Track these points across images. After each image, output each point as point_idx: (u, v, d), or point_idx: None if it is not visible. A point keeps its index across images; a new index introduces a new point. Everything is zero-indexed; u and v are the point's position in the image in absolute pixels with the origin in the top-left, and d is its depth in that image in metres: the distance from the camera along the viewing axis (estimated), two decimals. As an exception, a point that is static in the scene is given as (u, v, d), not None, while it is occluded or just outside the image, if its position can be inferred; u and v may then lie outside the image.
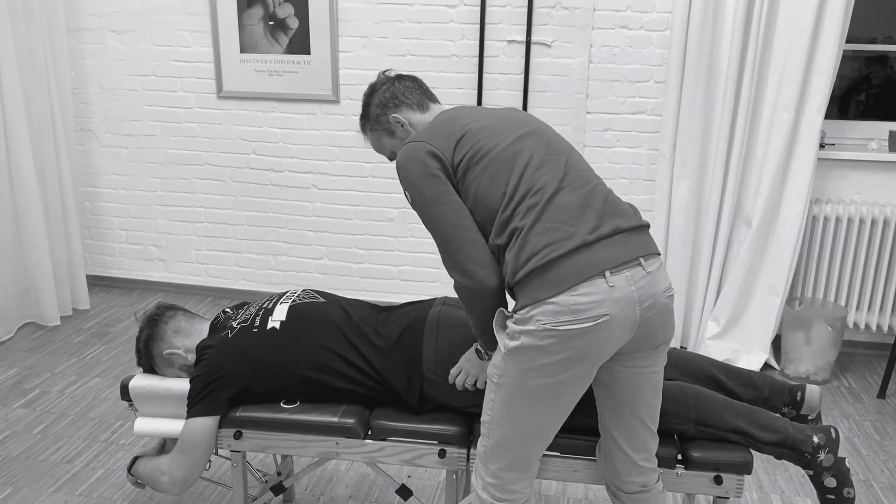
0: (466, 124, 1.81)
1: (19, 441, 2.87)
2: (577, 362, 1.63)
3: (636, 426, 1.80)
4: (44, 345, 3.67)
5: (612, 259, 1.61)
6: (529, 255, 1.62)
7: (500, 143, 1.77)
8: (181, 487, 2.03)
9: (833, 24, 3.17)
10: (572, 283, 1.59)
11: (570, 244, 1.61)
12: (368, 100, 2.00)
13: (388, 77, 2.01)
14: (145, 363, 2.18)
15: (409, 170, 1.78)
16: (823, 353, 3.39)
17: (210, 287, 4.30)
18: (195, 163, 4.11)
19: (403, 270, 4.07)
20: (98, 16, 3.98)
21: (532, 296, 1.62)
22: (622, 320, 1.61)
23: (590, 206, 1.68)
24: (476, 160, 1.75)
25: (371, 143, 2.03)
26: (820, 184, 3.57)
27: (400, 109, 1.95)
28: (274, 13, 3.77)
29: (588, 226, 1.64)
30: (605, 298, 1.59)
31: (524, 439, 1.74)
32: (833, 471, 1.91)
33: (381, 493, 2.61)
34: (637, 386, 1.76)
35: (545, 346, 1.61)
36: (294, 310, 2.11)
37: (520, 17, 3.59)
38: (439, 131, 1.81)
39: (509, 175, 1.72)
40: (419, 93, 1.98)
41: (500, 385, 1.71)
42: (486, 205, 1.72)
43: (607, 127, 3.67)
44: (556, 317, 1.59)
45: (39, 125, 3.76)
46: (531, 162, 1.73)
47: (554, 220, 1.64)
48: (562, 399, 1.69)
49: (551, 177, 1.70)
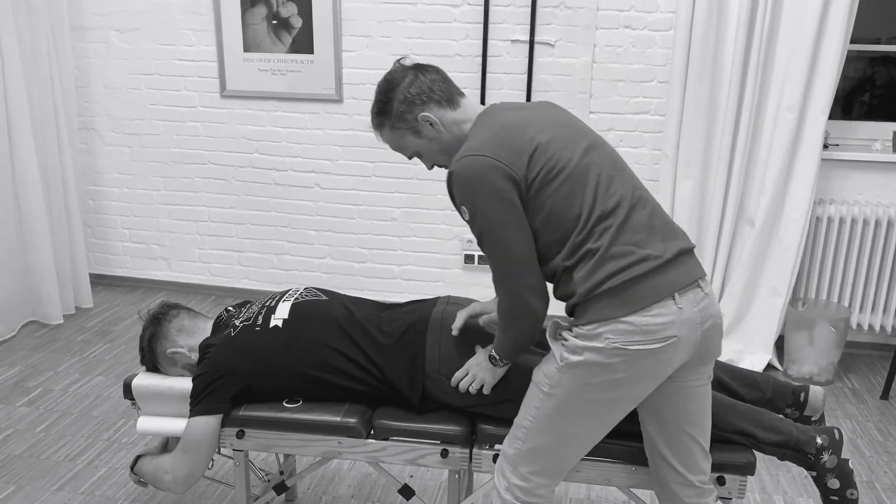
0: (533, 136, 1.69)
1: (22, 439, 2.87)
2: (639, 382, 1.66)
3: (687, 443, 1.80)
4: (47, 343, 3.68)
5: (680, 281, 1.65)
6: (606, 277, 1.63)
7: (573, 158, 1.69)
8: (184, 486, 2.03)
9: (837, 24, 3.16)
10: (645, 304, 1.62)
11: (646, 266, 1.63)
12: (389, 95, 1.79)
13: (407, 67, 1.82)
14: (149, 362, 2.18)
15: (474, 188, 1.65)
16: (826, 353, 3.38)
17: (213, 286, 4.30)
18: (198, 162, 4.11)
19: (406, 270, 4.07)
20: (101, 14, 3.98)
21: (602, 313, 1.63)
22: (687, 341, 1.65)
23: (654, 227, 1.69)
24: (550, 178, 1.66)
25: (388, 140, 1.86)
26: (823, 184, 3.56)
27: (428, 106, 1.78)
28: (277, 12, 3.77)
29: (657, 248, 1.66)
30: (675, 320, 1.63)
31: (564, 448, 1.76)
32: (836, 472, 1.90)
33: (383, 493, 2.61)
34: (690, 400, 1.77)
35: (611, 364, 1.63)
36: (296, 308, 2.10)
37: (523, 16, 3.59)
38: (506, 144, 1.67)
39: (583, 195, 1.66)
40: (446, 85, 1.81)
41: (550, 395, 1.71)
42: (558, 225, 1.66)
43: (611, 127, 3.67)
44: (627, 336, 1.61)
45: (43, 124, 3.77)
46: (601, 179, 1.69)
47: (628, 243, 1.65)
48: (613, 414, 1.73)
49: (621, 196, 1.69)
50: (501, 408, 1.96)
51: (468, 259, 3.96)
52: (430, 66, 1.83)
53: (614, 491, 2.65)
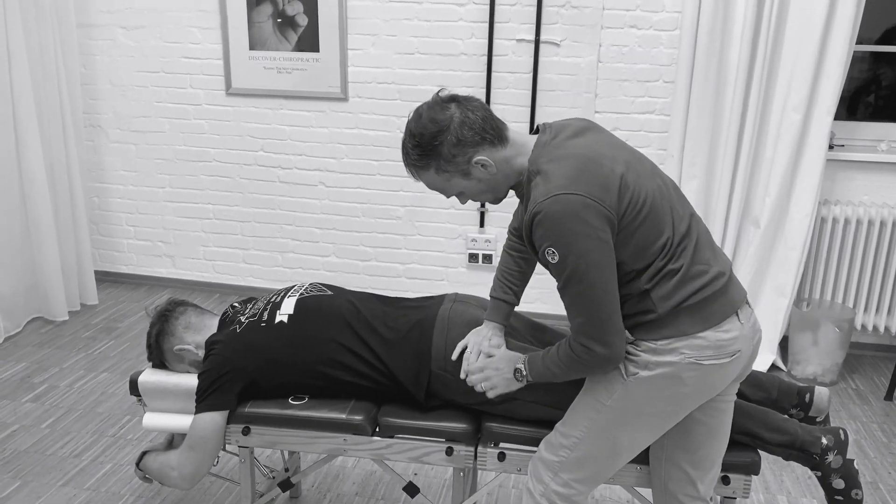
0: (613, 168, 1.61)
1: (28, 435, 2.88)
2: (701, 395, 1.71)
3: (713, 458, 1.83)
4: (52, 339, 3.69)
5: (739, 298, 1.73)
6: (688, 295, 1.65)
7: (649, 187, 1.64)
8: (190, 483, 2.04)
9: (843, 25, 3.16)
10: (718, 320, 1.67)
11: (719, 284, 1.68)
12: (439, 138, 1.64)
13: (448, 102, 1.67)
14: (156, 358, 2.19)
15: (570, 229, 1.55)
16: (831, 354, 3.38)
17: (217, 284, 4.31)
18: (203, 159, 4.12)
19: (410, 268, 4.07)
20: (108, 12, 3.99)
21: (679, 329, 1.66)
22: (746, 355, 1.73)
23: (712, 245, 1.76)
24: (637, 210, 1.61)
25: (429, 182, 1.72)
26: (829, 185, 3.56)
27: (482, 148, 1.66)
28: (283, 10, 3.77)
29: (721, 265, 1.72)
30: (740, 335, 1.69)
31: (614, 458, 1.78)
32: (841, 472, 1.91)
33: (387, 490, 2.62)
34: (722, 414, 1.81)
35: (683, 378, 1.67)
36: (301, 303, 2.11)
37: (529, 15, 3.59)
38: (593, 180, 1.58)
39: (664, 222, 1.64)
40: (494, 122, 1.68)
41: (611, 408, 1.73)
42: (647, 254, 1.64)
43: (616, 126, 3.67)
44: (701, 351, 1.65)
45: (49, 121, 3.78)
46: (672, 203, 1.69)
47: (701, 262, 1.68)
48: (667, 425, 1.76)
49: (689, 217, 1.72)
50: (507, 406, 1.96)
51: (472, 258, 3.96)
52: (473, 100, 1.69)
53: (618, 490, 2.65)
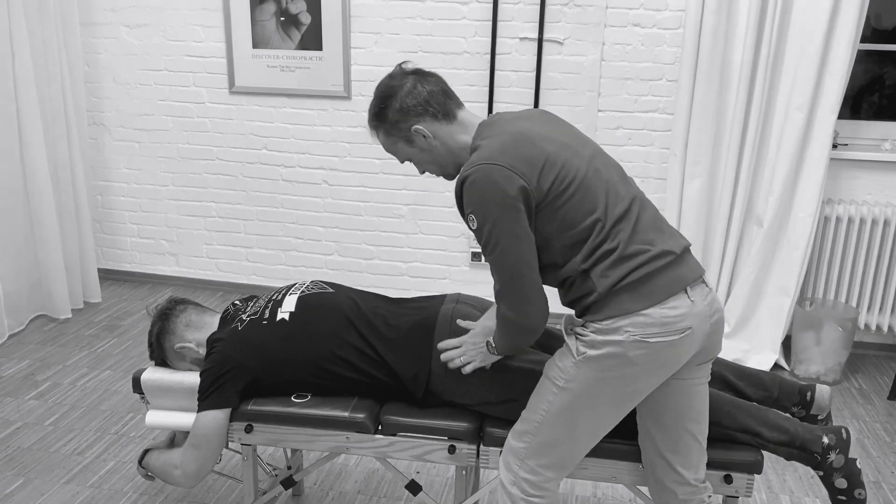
0: (543, 146, 1.71)
1: (31, 432, 2.89)
2: (654, 374, 1.70)
3: (688, 441, 1.82)
4: (55, 337, 3.70)
5: (690, 276, 1.71)
6: (626, 273, 1.67)
7: (581, 167, 1.72)
8: (193, 481, 2.04)
9: (847, 23, 3.15)
10: (662, 297, 1.67)
11: (662, 261, 1.69)
12: (386, 101, 1.79)
13: (407, 73, 1.81)
14: (157, 357, 2.19)
15: (486, 197, 1.65)
16: (834, 354, 3.37)
17: (220, 282, 4.32)
18: (207, 158, 4.13)
19: (413, 267, 4.07)
20: (112, 10, 3.99)
21: (621, 308, 1.66)
22: (699, 333, 1.71)
23: (660, 227, 1.76)
24: (564, 186, 1.68)
25: (382, 143, 1.86)
26: (832, 184, 3.55)
27: (423, 119, 1.78)
28: (286, 9, 3.77)
29: (667, 244, 1.72)
30: (688, 312, 1.68)
31: (575, 441, 1.78)
32: (844, 472, 1.90)
33: (390, 489, 2.62)
34: (690, 397, 1.80)
35: (630, 357, 1.67)
36: (303, 300, 2.11)
37: (532, 14, 3.59)
38: (518, 154, 1.68)
39: (596, 198, 1.70)
40: (444, 98, 1.80)
41: (565, 389, 1.74)
42: (574, 231, 1.69)
43: (619, 125, 3.66)
44: (646, 328, 1.65)
45: (52, 119, 3.78)
46: (610, 184, 1.74)
47: (642, 242, 1.70)
48: (625, 407, 1.76)
49: (630, 199, 1.75)
50: (505, 408, 1.96)
51: (475, 256, 3.96)
52: (430, 75, 1.82)
53: (620, 488, 2.65)
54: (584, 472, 1.98)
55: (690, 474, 1.84)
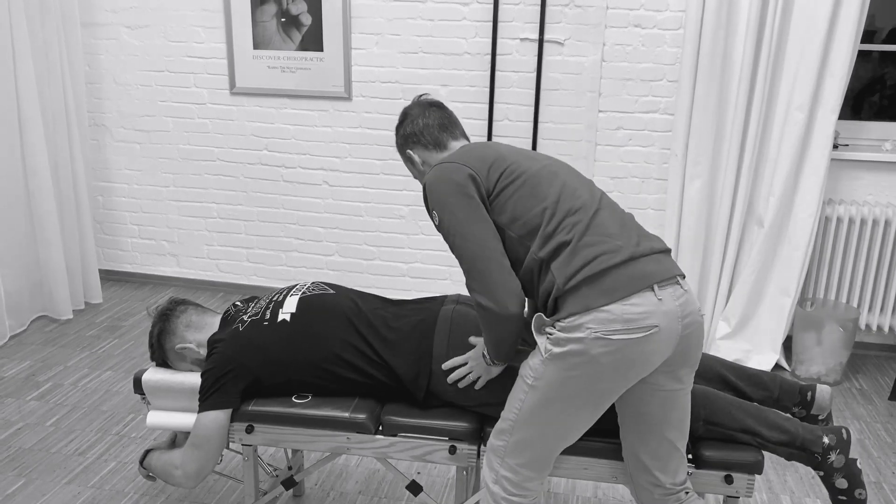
0: (499, 150, 1.90)
1: (32, 433, 2.89)
2: (622, 372, 1.67)
3: (668, 449, 1.81)
4: (56, 338, 3.70)
5: (658, 274, 1.69)
6: (582, 264, 1.67)
7: (534, 166, 1.85)
8: (194, 481, 2.04)
9: (847, 23, 3.15)
10: (624, 293, 1.64)
11: (622, 255, 1.68)
12: (398, 127, 2.08)
13: (419, 104, 2.06)
14: (158, 358, 2.19)
15: (440, 190, 1.82)
16: (835, 354, 3.37)
17: (221, 283, 4.32)
18: (207, 158, 4.13)
19: (413, 267, 4.07)
20: (113, 11, 4.00)
21: (582, 303, 1.65)
22: (668, 333, 1.67)
23: (627, 226, 1.77)
24: (513, 178, 1.81)
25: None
26: (833, 184, 3.55)
27: (416, 148, 2.03)
28: (287, 10, 3.78)
29: (632, 241, 1.72)
30: (655, 310, 1.65)
31: (548, 440, 1.78)
32: (844, 472, 1.90)
33: (390, 489, 2.62)
34: (667, 407, 1.78)
35: (594, 355, 1.65)
36: (304, 302, 2.12)
37: (533, 14, 3.59)
38: (472, 154, 1.87)
39: (548, 191, 1.79)
40: (438, 132, 2.02)
41: (534, 387, 1.73)
42: (525, 220, 1.76)
43: (619, 126, 3.67)
44: (607, 325, 1.63)
45: (54, 120, 3.79)
46: (566, 184, 1.82)
47: (601, 234, 1.72)
48: (596, 406, 1.74)
49: (587, 198, 1.79)
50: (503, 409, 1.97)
51: (476, 257, 3.96)
52: (435, 109, 2.05)
53: (621, 488, 2.65)
54: (585, 473, 1.98)
55: (667, 479, 1.84)
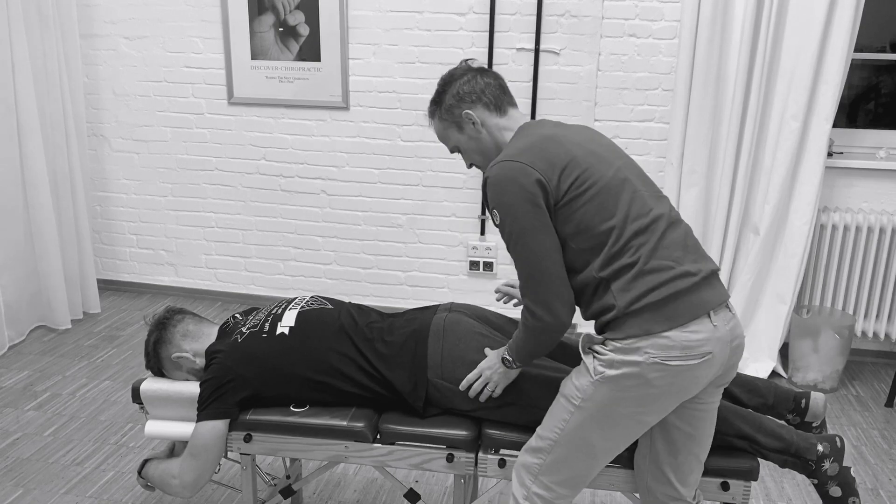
0: (569, 149, 1.75)
1: (30, 443, 2.89)
2: (673, 396, 1.69)
3: (692, 463, 1.84)
4: (55, 348, 3.70)
5: (714, 300, 1.69)
6: (647, 290, 1.65)
7: (606, 173, 1.74)
8: (191, 490, 2.05)
9: (841, 33, 3.18)
10: (685, 320, 1.65)
11: (685, 283, 1.67)
12: (445, 87, 1.91)
13: (471, 67, 1.93)
14: (154, 366, 2.20)
15: (507, 192, 1.71)
16: (831, 361, 3.38)
17: (219, 292, 4.33)
18: (206, 168, 4.14)
19: (411, 276, 4.08)
20: (111, 22, 4.02)
21: (643, 328, 1.65)
22: (719, 359, 1.69)
23: (688, 247, 1.74)
24: (583, 190, 1.71)
25: (436, 130, 1.96)
26: (828, 192, 3.57)
27: (475, 106, 1.88)
28: (285, 20, 3.80)
29: (693, 266, 1.70)
30: (710, 337, 1.66)
31: (590, 460, 1.78)
32: (838, 480, 1.91)
33: (388, 498, 2.63)
34: (701, 421, 1.80)
35: (650, 379, 1.65)
36: (303, 316, 2.13)
37: (529, 25, 3.61)
38: (542, 154, 1.73)
39: (616, 207, 1.71)
40: (500, 92, 1.90)
41: (580, 408, 1.73)
42: (590, 234, 1.70)
43: (615, 135, 3.68)
44: (666, 351, 1.64)
45: (52, 130, 3.80)
46: (636, 196, 1.74)
47: (666, 259, 1.69)
48: (640, 428, 1.75)
49: (657, 214, 1.73)
50: (504, 412, 1.98)
51: (473, 266, 3.98)
52: (490, 72, 1.92)
53: (618, 496, 2.65)
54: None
55: (687, 492, 1.86)
